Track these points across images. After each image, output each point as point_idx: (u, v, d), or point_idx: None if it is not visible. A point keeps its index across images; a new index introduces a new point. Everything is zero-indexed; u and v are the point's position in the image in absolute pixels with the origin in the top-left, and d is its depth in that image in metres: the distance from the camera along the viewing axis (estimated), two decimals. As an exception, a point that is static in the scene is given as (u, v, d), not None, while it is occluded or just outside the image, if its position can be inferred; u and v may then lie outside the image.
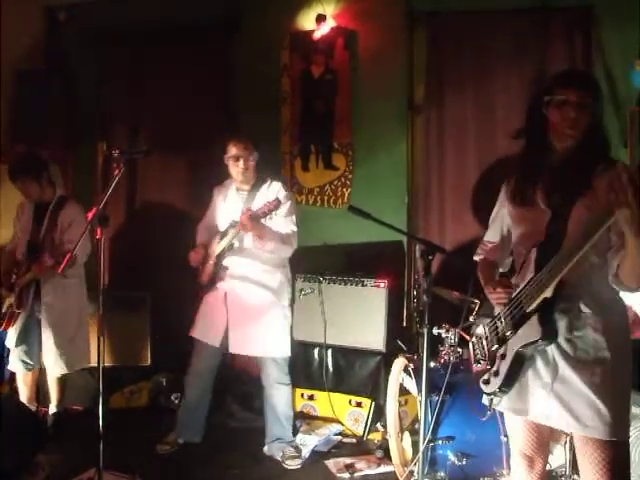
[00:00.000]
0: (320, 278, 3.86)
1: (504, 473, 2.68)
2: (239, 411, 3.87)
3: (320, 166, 4.29)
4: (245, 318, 3.32)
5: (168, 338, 4.18)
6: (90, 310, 3.82)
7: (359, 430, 3.69)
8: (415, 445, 2.88)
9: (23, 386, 3.75)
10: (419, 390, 2.81)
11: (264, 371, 3.39)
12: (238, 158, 3.28)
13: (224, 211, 3.43)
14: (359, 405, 3.73)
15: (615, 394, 1.82)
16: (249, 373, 3.89)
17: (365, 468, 3.24)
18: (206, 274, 3.39)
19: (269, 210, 3.04)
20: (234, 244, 3.31)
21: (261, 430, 3.49)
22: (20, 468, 2.91)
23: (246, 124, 4.27)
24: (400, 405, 3.30)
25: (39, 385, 3.86)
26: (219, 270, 3.35)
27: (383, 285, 3.74)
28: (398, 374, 3.20)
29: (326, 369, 3.82)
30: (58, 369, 3.61)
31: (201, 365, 3.45)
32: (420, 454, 2.28)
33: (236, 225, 3.20)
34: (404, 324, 4.03)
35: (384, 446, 3.33)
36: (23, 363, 3.68)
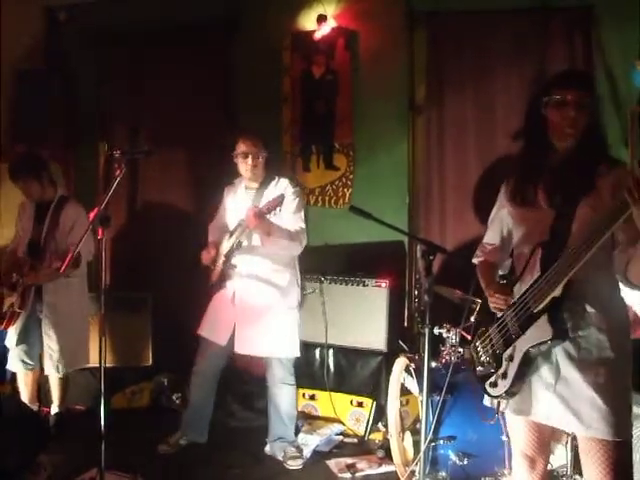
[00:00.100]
0: (321, 278, 3.87)
1: (505, 473, 2.67)
2: (239, 410, 3.87)
3: (321, 166, 4.30)
4: (253, 318, 3.31)
5: (170, 338, 4.18)
6: (92, 310, 3.82)
7: (360, 430, 3.70)
8: (416, 445, 2.88)
9: (23, 386, 3.74)
10: (420, 390, 2.80)
11: (269, 371, 3.39)
12: (247, 155, 3.29)
13: (233, 209, 3.42)
14: (360, 405, 3.73)
15: (617, 394, 1.82)
16: (250, 372, 3.88)
17: (366, 468, 3.24)
18: (216, 273, 3.39)
19: (273, 206, 3.03)
20: (242, 242, 3.31)
21: (262, 430, 3.49)
22: (22, 468, 2.91)
23: (246, 124, 4.25)
24: (401, 405, 3.30)
25: (40, 385, 3.86)
26: (228, 269, 3.35)
27: (384, 285, 3.74)
28: (399, 374, 3.20)
29: (327, 369, 3.83)
30: (58, 369, 3.60)
31: (206, 364, 3.44)
32: (421, 454, 2.28)
33: (243, 223, 3.20)
34: (405, 324, 4.03)
35: (385, 446, 3.33)
36: (23, 363, 3.67)
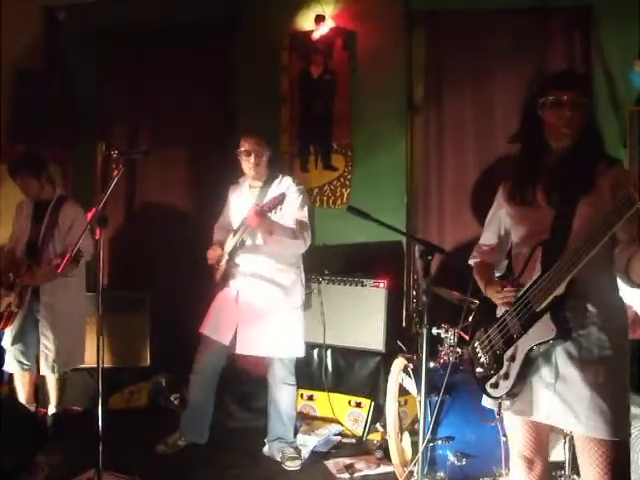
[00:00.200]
0: (319, 278, 3.87)
1: (503, 473, 2.67)
2: (238, 411, 3.87)
3: (319, 166, 4.30)
4: (256, 317, 3.30)
5: (168, 339, 4.18)
6: (89, 311, 3.81)
7: (359, 430, 3.69)
8: (415, 445, 2.88)
9: (21, 387, 3.74)
10: (418, 390, 2.80)
11: (271, 371, 3.38)
12: (249, 153, 3.29)
13: (238, 208, 3.42)
14: (359, 405, 3.73)
15: (616, 394, 1.82)
16: (248, 373, 3.88)
17: (365, 468, 3.24)
18: (220, 272, 3.38)
19: (274, 204, 3.03)
20: (245, 241, 3.30)
21: (260, 430, 3.48)
22: (20, 469, 2.90)
23: (245, 124, 4.25)
24: (400, 405, 3.29)
25: (38, 386, 3.85)
26: (231, 268, 3.34)
27: (382, 285, 3.74)
28: (397, 374, 3.20)
29: (325, 369, 3.83)
30: (53, 369, 3.59)
31: (206, 363, 3.43)
32: (420, 454, 2.27)
33: (246, 221, 3.20)
34: (403, 324, 4.02)
35: (384, 446, 3.32)
36: (19, 363, 3.65)
